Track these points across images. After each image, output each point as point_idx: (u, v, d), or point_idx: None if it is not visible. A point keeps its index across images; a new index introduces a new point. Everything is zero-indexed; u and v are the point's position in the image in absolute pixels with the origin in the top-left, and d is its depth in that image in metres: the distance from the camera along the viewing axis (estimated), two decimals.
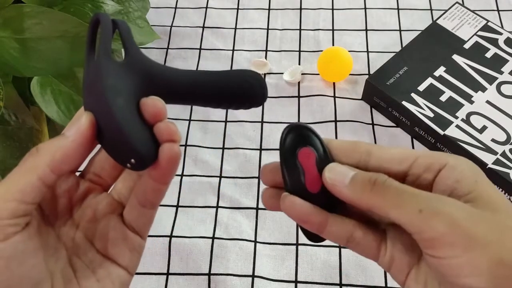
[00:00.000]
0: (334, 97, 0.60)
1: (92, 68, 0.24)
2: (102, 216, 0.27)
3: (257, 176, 0.54)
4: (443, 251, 0.21)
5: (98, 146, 0.25)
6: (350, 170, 0.24)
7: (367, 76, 0.58)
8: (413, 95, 0.55)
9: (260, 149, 0.56)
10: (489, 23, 0.60)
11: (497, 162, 0.50)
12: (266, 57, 0.64)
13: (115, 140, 0.23)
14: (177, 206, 0.53)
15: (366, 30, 0.66)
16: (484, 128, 0.52)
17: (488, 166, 0.50)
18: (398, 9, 0.68)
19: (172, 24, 0.68)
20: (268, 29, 0.67)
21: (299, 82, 0.62)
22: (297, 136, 0.26)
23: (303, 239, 0.50)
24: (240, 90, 0.27)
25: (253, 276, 0.48)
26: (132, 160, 0.22)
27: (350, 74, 0.61)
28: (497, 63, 0.56)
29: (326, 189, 0.25)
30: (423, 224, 0.21)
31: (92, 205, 0.27)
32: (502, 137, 0.52)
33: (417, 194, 0.22)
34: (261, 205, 0.52)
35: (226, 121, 0.59)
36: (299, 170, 0.25)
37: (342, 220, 0.25)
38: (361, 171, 0.24)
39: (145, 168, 0.24)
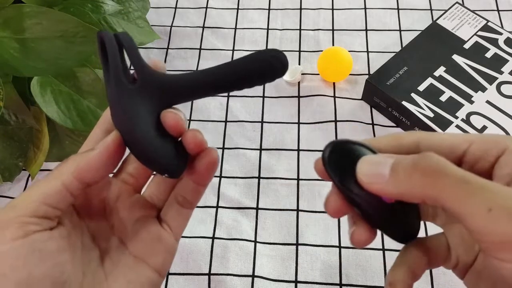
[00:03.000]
0: (334, 97, 0.60)
1: (111, 94, 0.24)
2: (137, 218, 0.27)
3: (257, 176, 0.54)
4: None
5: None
6: (387, 158, 0.21)
7: (367, 76, 0.58)
8: (413, 95, 0.55)
9: (260, 149, 0.56)
10: (489, 23, 0.60)
11: None
12: None
13: (145, 158, 0.24)
14: None
15: (366, 30, 0.66)
16: (484, 128, 0.52)
17: None
18: (398, 9, 0.68)
19: (172, 24, 0.68)
20: (268, 29, 0.67)
21: (299, 82, 0.62)
22: (343, 155, 0.23)
23: (303, 239, 0.50)
24: (260, 73, 0.26)
25: (253, 276, 0.48)
26: (166, 173, 0.24)
27: (350, 74, 0.61)
28: (497, 63, 0.56)
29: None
30: (493, 226, 0.18)
31: (126, 206, 0.27)
32: None
33: (485, 186, 0.18)
34: (261, 205, 0.52)
35: (226, 121, 0.59)
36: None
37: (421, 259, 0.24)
38: (399, 155, 0.20)
39: (179, 177, 0.25)
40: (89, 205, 0.26)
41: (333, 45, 0.65)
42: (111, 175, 0.27)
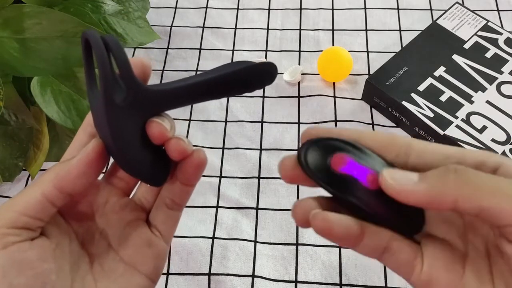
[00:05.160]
0: (334, 97, 0.60)
1: (96, 105, 0.23)
2: (126, 222, 0.26)
3: (257, 176, 0.54)
4: None
5: None
6: (412, 172, 0.20)
7: (367, 76, 0.58)
8: (413, 95, 0.55)
9: (260, 149, 0.56)
10: (489, 23, 0.60)
11: None
12: (266, 57, 0.64)
13: (127, 168, 0.24)
14: None
15: (366, 30, 0.66)
16: (484, 128, 0.52)
17: None
18: (398, 9, 0.68)
19: (172, 24, 0.68)
20: (268, 29, 0.67)
21: (299, 82, 0.62)
22: (318, 152, 0.22)
23: (303, 239, 0.50)
24: (250, 83, 0.25)
25: (253, 276, 0.48)
26: (148, 183, 0.25)
27: (350, 74, 0.61)
28: (497, 63, 0.56)
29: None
30: None
31: (115, 210, 0.26)
32: (502, 137, 0.52)
33: None
34: (261, 205, 0.52)
35: (226, 121, 0.59)
36: (348, 180, 0.21)
37: (379, 229, 0.21)
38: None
39: (162, 185, 0.25)
40: (76, 210, 0.26)
41: (333, 45, 0.65)
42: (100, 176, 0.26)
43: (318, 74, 0.62)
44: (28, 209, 0.22)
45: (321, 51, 0.63)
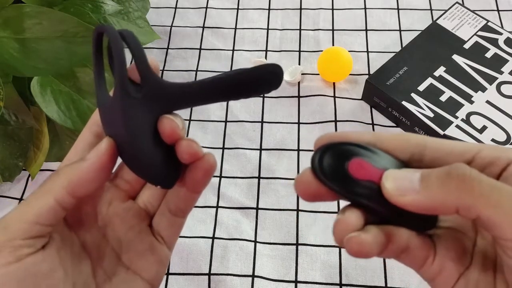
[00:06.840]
0: (334, 97, 0.60)
1: (105, 102, 0.23)
2: (129, 226, 0.26)
3: (257, 176, 0.54)
4: None
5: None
6: (413, 171, 0.20)
7: (367, 76, 0.58)
8: (413, 95, 0.55)
9: (260, 149, 0.56)
10: (489, 23, 0.60)
11: None
12: (266, 57, 0.64)
13: (138, 169, 0.24)
14: None
15: (366, 30, 0.66)
16: (484, 128, 0.52)
17: None
18: (398, 9, 0.68)
19: (172, 24, 0.68)
20: (268, 29, 0.67)
21: (299, 82, 0.62)
22: (333, 158, 0.21)
23: (303, 239, 0.50)
24: (258, 86, 0.25)
25: (253, 276, 0.48)
26: (159, 185, 0.24)
27: (350, 74, 0.61)
28: (497, 63, 0.56)
29: None
30: None
31: (119, 213, 0.26)
32: (502, 137, 0.52)
33: None
34: (261, 205, 0.52)
35: (226, 121, 0.59)
36: (368, 186, 0.20)
37: (399, 233, 0.21)
38: (426, 169, 0.20)
39: (171, 187, 0.25)
40: (79, 213, 0.25)
41: (333, 45, 0.65)
42: None
43: (318, 74, 0.62)
44: (41, 217, 0.22)
45: (321, 51, 0.63)
